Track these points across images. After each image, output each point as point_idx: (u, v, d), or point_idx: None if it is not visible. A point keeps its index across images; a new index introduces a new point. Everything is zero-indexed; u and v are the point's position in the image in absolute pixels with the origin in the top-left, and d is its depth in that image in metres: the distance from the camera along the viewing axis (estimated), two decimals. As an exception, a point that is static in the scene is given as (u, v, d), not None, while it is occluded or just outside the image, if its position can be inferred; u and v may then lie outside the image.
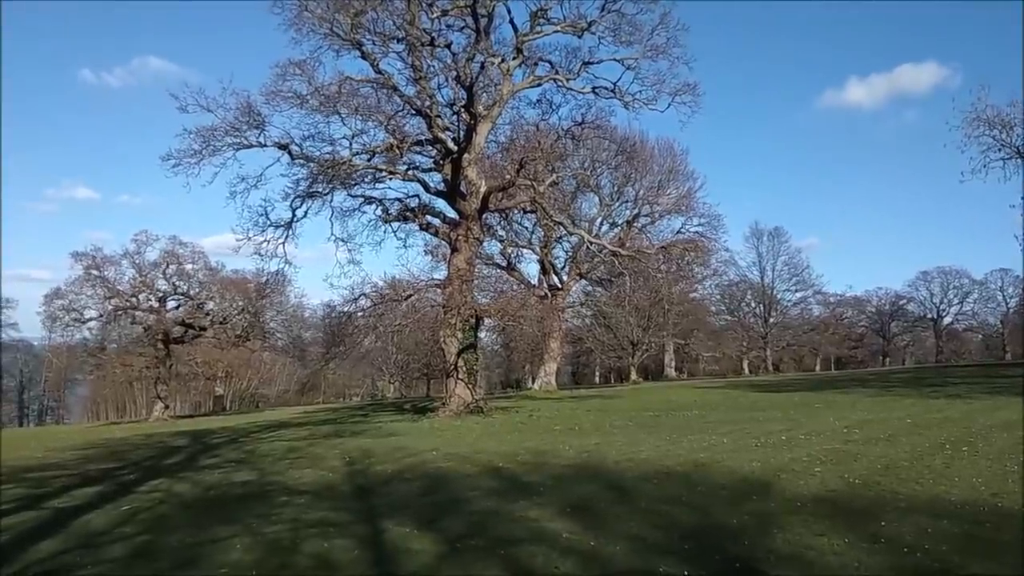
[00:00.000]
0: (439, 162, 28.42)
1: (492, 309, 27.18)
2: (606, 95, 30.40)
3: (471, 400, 26.40)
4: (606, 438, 16.95)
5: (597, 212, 49.10)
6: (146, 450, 22.06)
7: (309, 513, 10.01)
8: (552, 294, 45.72)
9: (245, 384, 75.73)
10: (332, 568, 7.17)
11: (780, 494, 9.44)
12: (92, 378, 63.42)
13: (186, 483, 13.92)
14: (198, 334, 50.73)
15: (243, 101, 24.26)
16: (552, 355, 46.77)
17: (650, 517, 8.59)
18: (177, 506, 11.28)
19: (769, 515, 8.36)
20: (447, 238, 28.20)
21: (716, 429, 17.24)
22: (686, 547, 7.27)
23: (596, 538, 7.71)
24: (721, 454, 12.95)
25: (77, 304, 47.35)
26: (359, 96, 25.09)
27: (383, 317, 29.19)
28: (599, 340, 60.65)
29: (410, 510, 9.83)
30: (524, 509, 9.36)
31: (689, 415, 22.32)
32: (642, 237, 45.49)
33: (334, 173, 25.05)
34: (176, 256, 49.76)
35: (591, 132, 34.73)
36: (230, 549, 8.02)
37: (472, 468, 13.28)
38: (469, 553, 7.43)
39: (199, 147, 24.26)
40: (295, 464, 15.73)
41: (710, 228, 49.22)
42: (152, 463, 18.24)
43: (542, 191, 27.98)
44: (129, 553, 8.18)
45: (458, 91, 26.39)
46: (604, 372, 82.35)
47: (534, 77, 29.65)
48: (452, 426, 22.94)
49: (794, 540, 7.30)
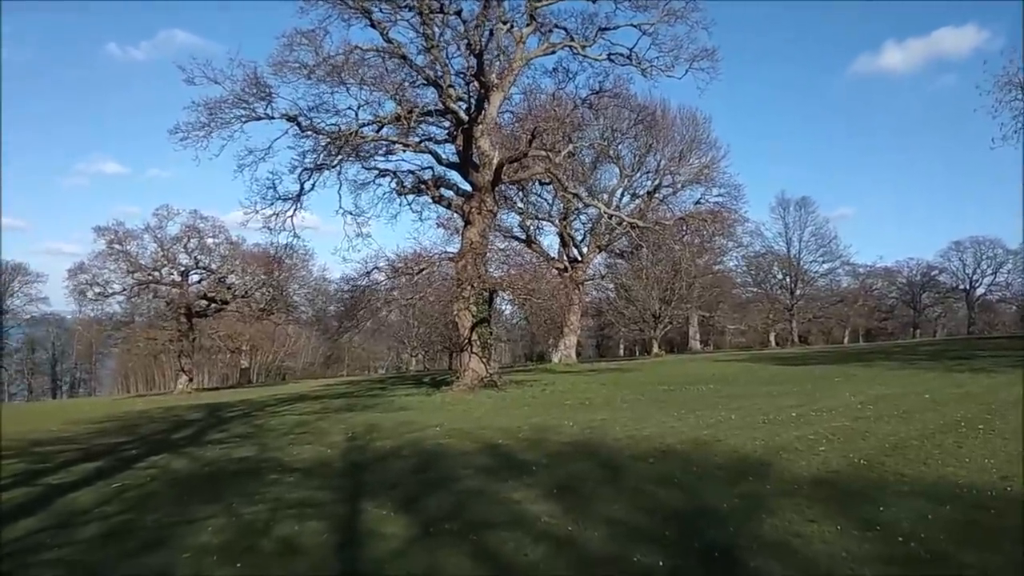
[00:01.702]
0: (452, 133, 27.99)
1: (505, 282, 26.82)
2: (622, 62, 29.64)
3: (485, 374, 26.17)
4: (613, 413, 16.61)
5: (617, 183, 48.40)
6: (159, 424, 22.22)
7: (294, 492, 9.85)
8: (572, 267, 45.28)
9: (271, 357, 76.50)
10: (295, 552, 6.97)
11: (778, 475, 9.05)
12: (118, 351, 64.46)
13: (185, 458, 13.90)
14: (221, 308, 51.11)
15: (250, 73, 23.98)
16: (572, 328, 46.39)
17: (637, 499, 8.27)
18: (167, 483, 11.20)
19: (761, 498, 8.00)
20: (460, 211, 27.84)
21: (727, 404, 16.80)
22: (667, 533, 6.94)
23: (575, 522, 7.42)
24: (725, 431, 12.55)
25: (101, 278, 47.83)
26: (367, 66, 24.65)
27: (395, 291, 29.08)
28: (620, 313, 60.14)
29: (396, 489, 9.62)
30: (510, 490, 9.10)
31: (703, 389, 21.87)
32: (663, 208, 44.75)
33: (342, 144, 24.72)
34: (197, 230, 49.97)
35: (609, 101, 34.01)
36: (202, 531, 7.88)
37: (471, 445, 13.05)
38: (440, 538, 7.18)
39: (207, 120, 24.08)
40: (298, 439, 15.63)
41: (730, 198, 48.32)
42: (160, 437, 18.32)
43: (558, 162, 27.40)
44: (102, 533, 8.07)
45: (469, 59, 25.84)
46: (628, 345, 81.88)
47: (548, 44, 28.94)
48: (463, 400, 22.76)
49: (782, 526, 6.93)
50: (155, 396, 49.06)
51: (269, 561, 6.83)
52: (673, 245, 34.32)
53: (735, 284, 77.30)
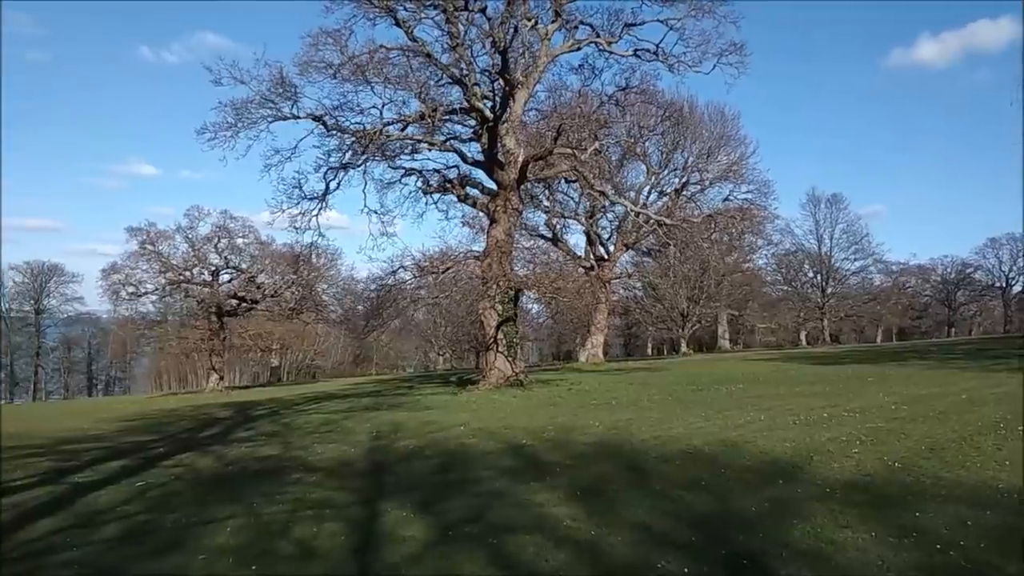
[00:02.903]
0: (477, 131, 27.87)
1: (530, 281, 26.64)
2: (649, 58, 29.25)
3: (511, 373, 26.01)
4: (640, 413, 16.35)
5: (644, 180, 47.94)
6: (188, 422, 22.37)
7: (315, 492, 9.78)
8: (598, 265, 44.94)
9: (301, 356, 77.06)
10: (311, 556, 6.87)
11: (809, 478, 8.76)
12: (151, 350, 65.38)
13: (210, 457, 13.92)
14: (251, 307, 51.49)
15: (276, 73, 24.04)
16: (599, 327, 46.08)
17: (662, 503, 8.05)
18: (190, 482, 11.20)
19: (792, 502, 7.73)
20: (485, 209, 27.71)
21: (756, 404, 16.46)
22: (693, 539, 6.72)
23: (598, 526, 7.23)
24: (755, 432, 12.25)
25: (134, 278, 48.41)
26: (391, 64, 24.59)
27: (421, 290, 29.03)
28: (647, 312, 59.62)
29: (417, 491, 9.50)
30: (533, 491, 8.93)
31: (732, 389, 21.50)
32: (691, 206, 44.21)
33: (367, 143, 24.69)
34: (227, 230, 50.35)
35: (636, 97, 33.61)
36: (220, 531, 7.81)
37: (495, 445, 12.90)
38: (458, 542, 7.03)
39: (233, 120, 24.20)
40: (323, 438, 15.60)
41: (759, 195, 47.63)
42: (188, 436, 18.43)
43: (584, 159, 27.11)
44: (120, 534, 8.04)
45: (494, 57, 25.69)
46: (656, 344, 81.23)
47: (574, 41, 28.66)
48: (489, 399, 22.62)
49: (814, 532, 6.67)
50: (187, 394, 49.62)
51: (284, 564, 6.73)
52: (701, 243, 33.81)
53: (765, 282, 76.31)
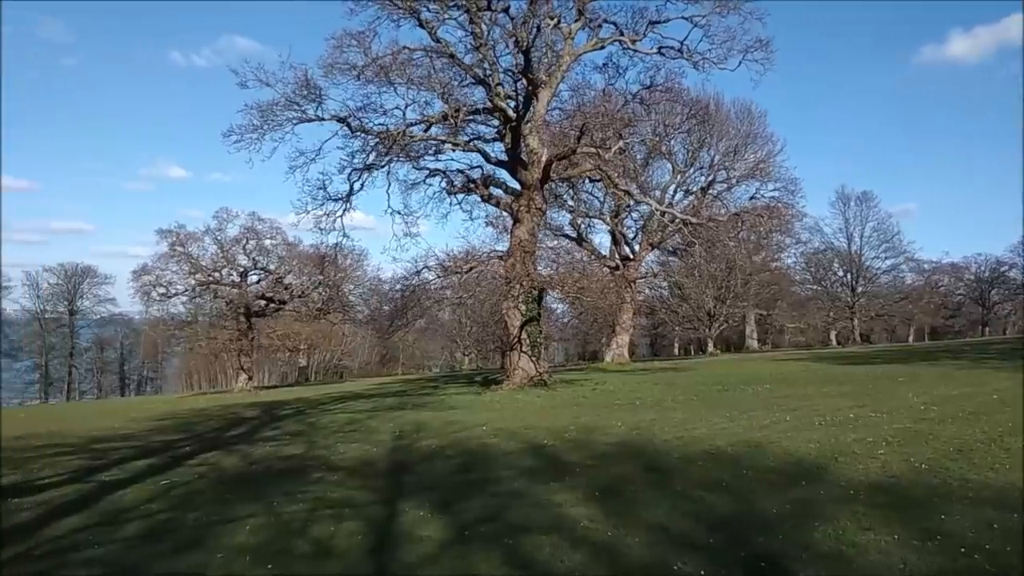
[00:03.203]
0: (501, 131, 27.86)
1: (554, 281, 26.56)
2: (673, 56, 29.05)
3: (535, 373, 25.97)
4: (663, 414, 16.23)
5: (670, 179, 47.60)
6: (216, 421, 22.60)
7: (335, 492, 9.83)
8: (623, 265, 44.70)
9: (328, 356, 77.65)
10: (328, 555, 6.90)
11: (833, 480, 8.61)
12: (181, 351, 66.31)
13: (235, 456, 14.05)
14: (279, 308, 52.02)
15: (301, 75, 24.25)
16: (624, 327, 45.82)
17: (682, 504, 7.96)
18: (214, 481, 11.30)
19: (815, 504, 7.60)
20: (509, 209, 27.70)
21: (782, 405, 16.25)
22: (712, 540, 6.64)
23: (616, 527, 7.17)
24: (779, 433, 12.08)
25: (164, 279, 49.11)
26: (414, 65, 24.68)
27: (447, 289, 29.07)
28: (673, 311, 59.20)
29: (436, 490, 9.50)
30: (552, 492, 8.89)
31: (758, 389, 21.25)
32: (717, 204, 43.79)
33: (391, 144, 24.80)
34: (255, 232, 50.90)
35: (661, 96, 33.39)
36: (239, 530, 7.88)
37: (516, 445, 12.87)
38: (475, 542, 7.02)
39: (259, 122, 24.45)
40: (346, 438, 15.68)
41: (786, 193, 47.02)
42: (215, 435, 18.61)
43: (608, 158, 26.97)
44: (142, 532, 8.14)
45: (517, 56, 25.68)
46: (683, 344, 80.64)
47: (597, 40, 28.53)
48: (512, 399, 22.61)
49: (836, 534, 6.56)
50: (216, 394, 50.24)
51: (301, 563, 6.76)
52: (727, 242, 33.46)
53: (794, 281, 75.35)
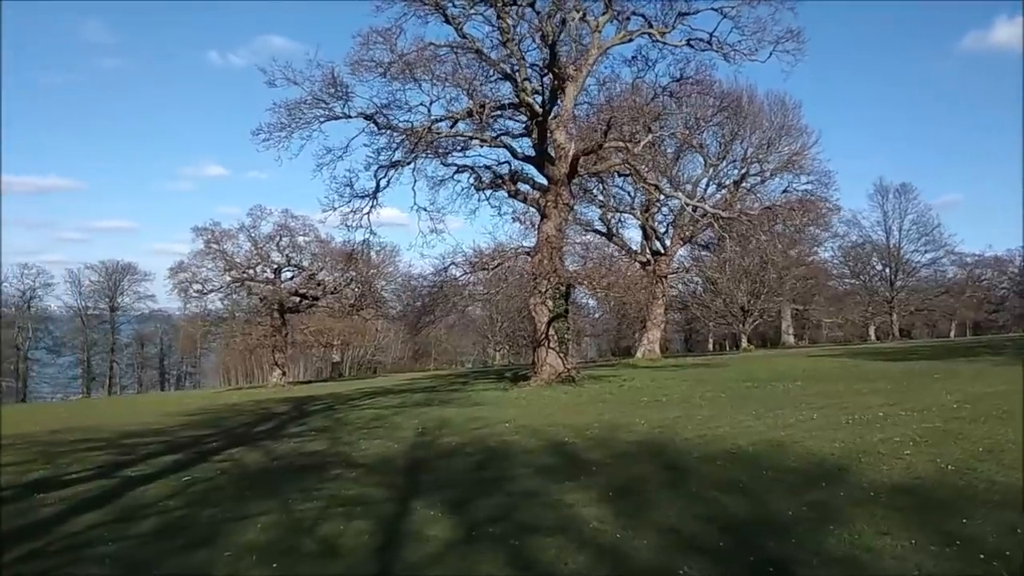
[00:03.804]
0: (529, 127, 27.75)
1: (581, 276, 26.41)
2: (703, 47, 28.64)
3: (562, 369, 25.84)
4: (688, 411, 16.01)
5: (702, 173, 47.02)
6: (246, 416, 22.90)
7: (350, 489, 9.86)
8: (654, 260, 44.30)
9: (361, 351, 78.23)
10: (334, 554, 6.90)
11: (855, 481, 8.38)
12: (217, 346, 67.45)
13: (259, 452, 14.17)
14: (312, 304, 52.61)
15: (328, 72, 24.38)
16: (655, 322, 45.39)
17: (695, 505, 7.81)
18: (234, 477, 11.40)
19: (833, 507, 7.40)
20: (536, 205, 27.58)
21: (811, 403, 15.91)
22: (721, 543, 6.49)
23: (625, 528, 7.06)
24: (804, 432, 11.82)
25: (200, 276, 49.95)
26: (439, 61, 24.68)
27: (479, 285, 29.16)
28: (705, 307, 58.57)
29: (450, 489, 9.46)
30: (565, 491, 8.79)
31: (789, 386, 20.86)
32: (751, 198, 43.16)
33: (416, 141, 24.84)
34: (289, 229, 51.51)
35: (692, 88, 32.99)
36: (250, 528, 7.92)
37: (536, 442, 12.79)
38: (481, 542, 6.96)
39: (287, 120, 24.65)
40: (370, 434, 15.74)
41: (820, 186, 46.11)
42: (243, 430, 18.83)
43: (636, 152, 26.68)
44: (156, 528, 8.23)
45: (544, 51, 25.54)
46: (718, 339, 79.74)
47: (625, 32, 28.25)
48: (539, 396, 22.53)
49: (850, 539, 6.36)
50: (250, 389, 50.98)
51: (305, 562, 6.77)
52: (760, 236, 32.95)
53: (831, 276, 73.99)
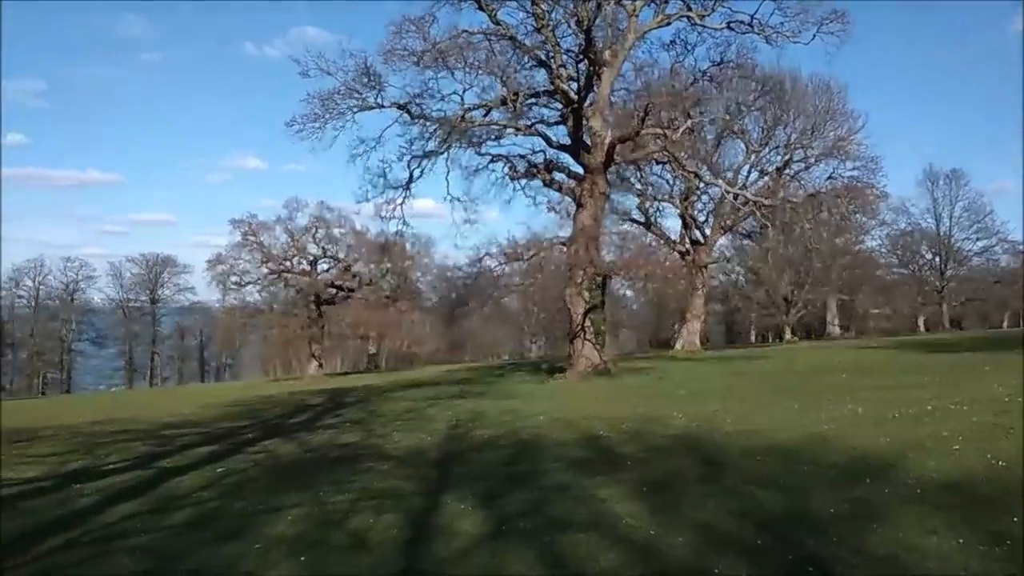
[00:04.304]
0: (564, 114, 27.43)
1: (618, 267, 26.06)
2: (744, 30, 27.94)
3: (599, 361, 25.56)
4: (727, 404, 15.64)
5: (743, 159, 46.09)
6: (282, 408, 23.09)
7: (382, 482, 9.79)
8: (694, 249, 43.62)
9: (398, 343, 78.62)
10: (362, 549, 6.79)
11: (901, 478, 7.99)
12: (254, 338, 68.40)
13: (293, 443, 14.25)
14: (348, 295, 52.98)
15: (361, 62, 24.41)
16: (695, 313, 44.64)
17: (732, 501, 7.53)
18: (268, 469, 11.43)
19: (876, 504, 7.06)
20: (572, 194, 27.27)
21: (856, 396, 15.38)
22: (759, 541, 6.22)
23: (659, 525, 6.82)
24: (848, 426, 11.42)
25: (237, 268, 50.62)
26: (473, 49, 24.51)
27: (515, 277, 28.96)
28: (747, 297, 57.60)
29: (481, 482, 9.33)
30: (598, 486, 8.57)
31: (833, 379, 20.29)
32: (794, 185, 42.19)
33: (450, 130, 24.73)
34: (324, 220, 51.99)
35: (732, 72, 32.32)
36: (281, 520, 7.88)
37: (569, 436, 12.60)
38: (511, 538, 6.80)
39: (320, 111, 24.74)
40: (403, 426, 15.73)
41: (867, 172, 44.81)
42: (278, 422, 18.99)
43: (675, 139, 26.16)
44: (189, 520, 8.24)
45: (579, 36, 25.19)
46: (760, 331, 78.42)
47: (663, 16, 27.67)
48: (574, 388, 22.34)
49: (894, 538, 6.03)
50: (288, 380, 51.55)
51: (334, 556, 6.68)
52: (804, 224, 32.13)
53: (879, 265, 72.17)
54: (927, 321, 71.03)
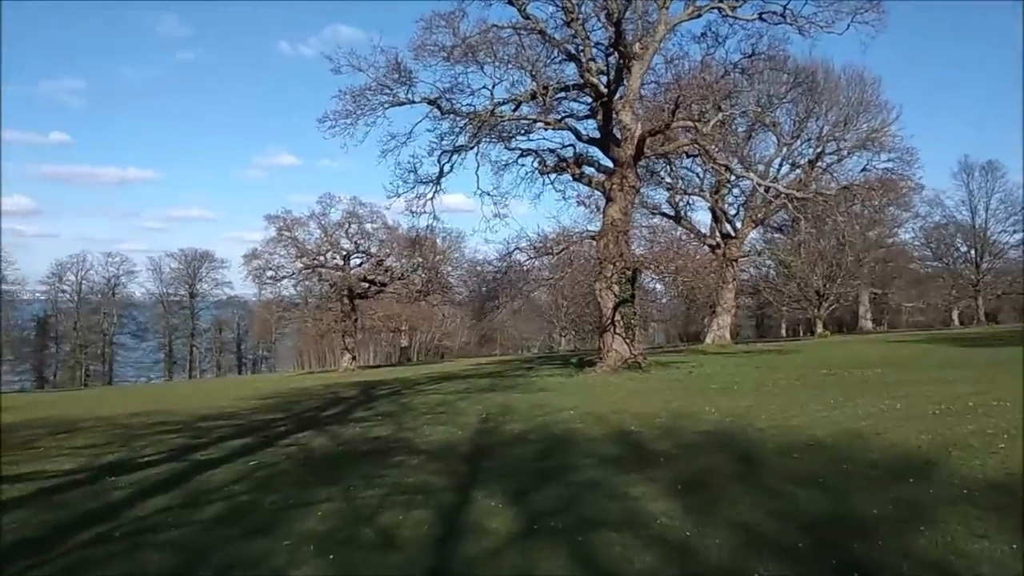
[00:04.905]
0: (594, 108, 27.22)
1: (648, 260, 25.81)
2: (776, 21, 27.48)
3: (629, 355, 25.36)
4: (761, 400, 15.39)
5: (775, 152, 45.47)
6: (315, 401, 23.20)
7: (412, 476, 9.73)
8: (725, 243, 43.14)
9: (429, 337, 79.00)
10: (391, 545, 6.72)
11: (945, 477, 7.78)
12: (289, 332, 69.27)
13: (325, 436, 14.26)
14: (380, 289, 53.25)
15: (391, 58, 24.42)
16: (726, 307, 44.20)
17: (771, 501, 7.37)
18: (299, 462, 11.43)
19: (922, 505, 6.87)
20: (601, 188, 27.06)
21: (893, 391, 15.08)
22: (800, 544, 6.06)
23: (695, 525, 6.68)
24: (887, 423, 11.15)
25: (272, 263, 51.15)
26: (502, 43, 24.38)
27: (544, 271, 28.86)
28: (778, 291, 56.84)
29: (512, 478, 9.24)
30: (631, 483, 8.44)
31: (867, 374, 19.91)
32: (827, 177, 41.50)
33: (480, 125, 24.65)
34: (357, 216, 52.21)
35: (764, 64, 31.88)
36: (311, 516, 7.84)
37: (600, 431, 12.47)
38: (542, 537, 6.69)
39: (352, 107, 24.81)
40: (434, 420, 15.67)
41: (902, 164, 43.97)
42: (311, 414, 19.06)
43: (705, 132, 25.84)
44: (219, 515, 8.23)
45: (609, 29, 24.95)
46: (791, 325, 77.48)
47: (694, 8, 27.29)
48: (604, 382, 22.16)
49: (943, 541, 5.84)
50: (322, 373, 52.04)
51: (363, 553, 6.62)
52: (837, 217, 31.59)
53: (912, 258, 70.91)
54: (961, 315, 69.66)
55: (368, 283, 52.47)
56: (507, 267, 27.19)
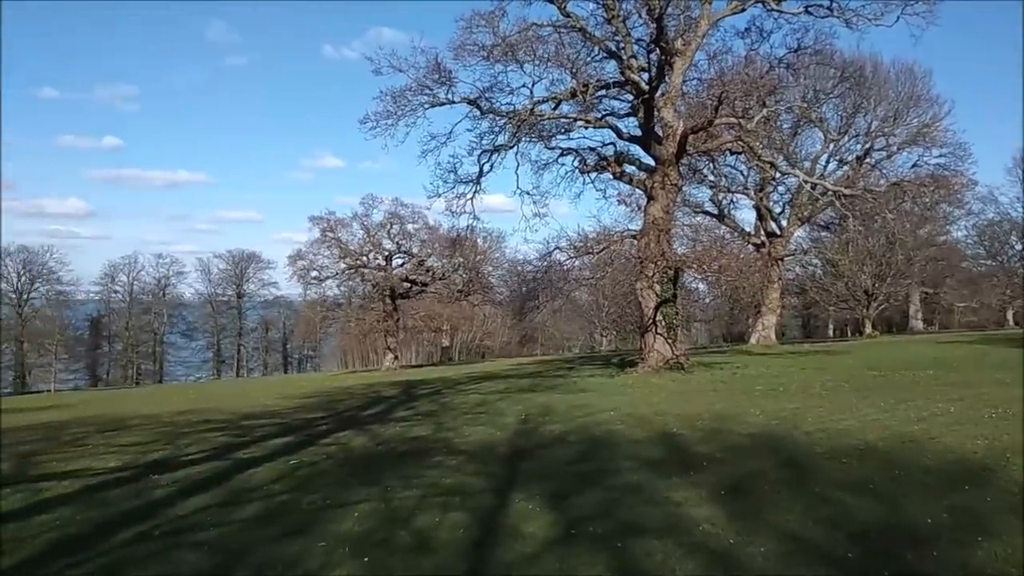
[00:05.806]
0: (635, 105, 26.91)
1: (690, 259, 25.43)
2: (823, 14, 26.83)
3: (671, 356, 25.00)
4: (808, 402, 15.00)
5: (821, 148, 44.45)
6: (357, 400, 23.32)
7: (451, 477, 9.66)
8: (770, 242, 42.34)
9: (470, 336, 79.27)
10: (426, 549, 6.64)
11: (1003, 484, 7.45)
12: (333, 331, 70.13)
13: (365, 436, 14.26)
14: (422, 289, 53.67)
15: (432, 58, 24.46)
16: (771, 307, 43.32)
17: (819, 508, 7.12)
18: (339, 462, 11.43)
19: (979, 513, 6.57)
20: (643, 186, 26.74)
21: (946, 394, 14.57)
22: (850, 554, 5.83)
23: (739, 533, 6.48)
24: (941, 427, 10.75)
25: (316, 264, 51.93)
26: (542, 41, 24.23)
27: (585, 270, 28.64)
28: (825, 291, 55.65)
29: (551, 480, 9.11)
30: (673, 488, 8.24)
31: (920, 375, 19.34)
32: (875, 174, 40.47)
33: (519, 124, 24.55)
34: (399, 216, 52.76)
35: (810, 59, 31.18)
36: (348, 517, 7.80)
37: (642, 433, 12.24)
38: (581, 543, 6.54)
39: (393, 108, 24.89)
40: (473, 420, 15.59)
41: (954, 160, 42.62)
42: (353, 413, 19.15)
43: (750, 128, 25.34)
44: (258, 514, 8.25)
45: (651, 25, 24.64)
46: (839, 325, 75.87)
47: (737, 2, 26.77)
48: (646, 383, 21.87)
49: (1003, 554, 5.57)
50: (364, 372, 52.51)
51: (397, 556, 6.54)
52: (886, 215, 30.74)
53: (965, 256, 68.83)
54: (1016, 315, 67.42)
55: (410, 283, 52.90)
56: (547, 267, 27.03)
